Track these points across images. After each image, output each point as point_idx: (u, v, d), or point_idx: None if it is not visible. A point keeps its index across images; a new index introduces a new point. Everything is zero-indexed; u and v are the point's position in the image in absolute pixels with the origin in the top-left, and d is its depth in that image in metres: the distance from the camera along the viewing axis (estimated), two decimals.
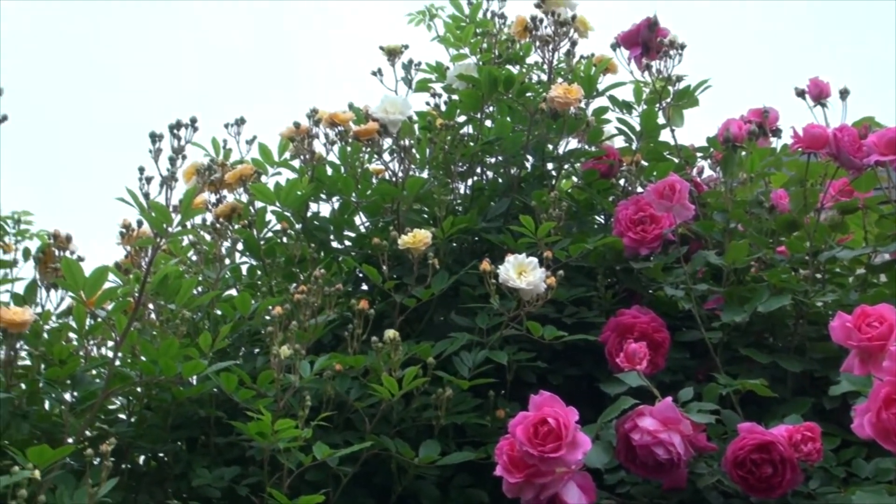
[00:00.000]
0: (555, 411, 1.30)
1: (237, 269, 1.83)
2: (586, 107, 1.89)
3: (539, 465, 1.28)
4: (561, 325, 1.59)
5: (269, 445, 1.35)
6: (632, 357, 1.39)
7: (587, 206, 1.89)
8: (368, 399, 1.49)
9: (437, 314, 1.72)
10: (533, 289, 1.49)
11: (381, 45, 2.02)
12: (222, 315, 1.65)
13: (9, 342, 1.41)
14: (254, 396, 1.43)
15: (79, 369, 1.47)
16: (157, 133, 1.41)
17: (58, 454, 1.17)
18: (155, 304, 1.56)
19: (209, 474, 1.48)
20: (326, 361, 1.45)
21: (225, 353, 1.58)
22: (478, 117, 1.89)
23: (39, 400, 1.48)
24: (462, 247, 1.85)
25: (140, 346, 1.43)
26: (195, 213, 1.53)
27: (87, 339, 1.53)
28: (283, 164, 1.88)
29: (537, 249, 1.62)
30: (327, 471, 1.44)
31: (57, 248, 1.57)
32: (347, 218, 1.83)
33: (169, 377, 1.39)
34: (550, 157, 1.91)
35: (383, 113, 1.76)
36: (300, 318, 1.49)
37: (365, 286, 1.83)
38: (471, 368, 1.54)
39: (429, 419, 1.53)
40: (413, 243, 1.59)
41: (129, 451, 1.56)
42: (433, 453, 1.46)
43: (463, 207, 1.89)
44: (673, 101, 1.87)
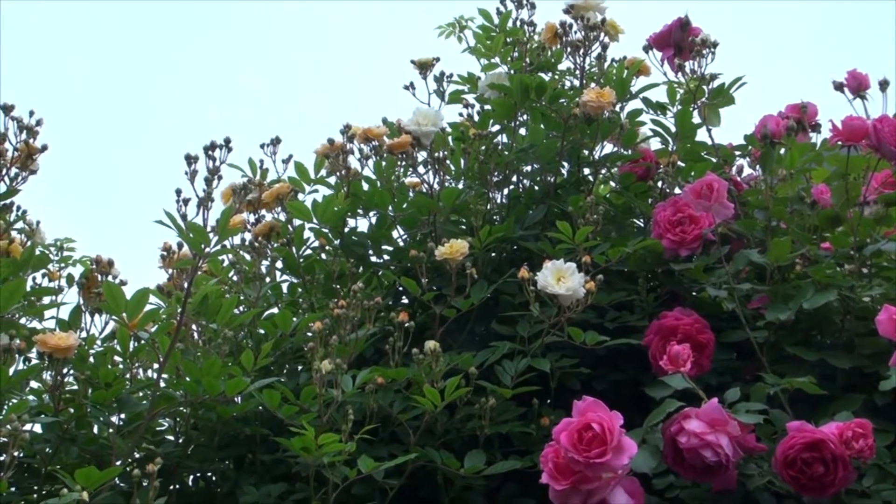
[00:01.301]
0: (599, 416, 1.28)
1: (277, 287, 1.84)
2: (620, 110, 1.88)
3: (585, 471, 1.27)
4: (603, 329, 1.58)
5: (314, 460, 1.35)
6: (676, 359, 1.37)
7: (625, 210, 1.88)
8: (412, 411, 1.49)
9: (478, 324, 1.72)
10: (572, 294, 1.48)
11: (413, 58, 2.03)
12: (264, 333, 1.66)
13: (55, 367, 1.43)
14: (297, 412, 1.43)
15: (125, 391, 1.48)
16: (193, 155, 1.43)
17: (106, 476, 1.18)
18: (197, 325, 1.58)
19: (256, 492, 1.49)
20: (368, 375, 1.45)
21: (268, 370, 1.59)
22: (511, 126, 1.88)
23: (87, 423, 1.50)
24: (500, 256, 1.85)
25: (184, 366, 1.44)
26: (232, 233, 1.54)
27: (132, 361, 1.55)
28: (319, 182, 1.89)
29: (576, 255, 1.61)
30: (373, 484, 1.44)
31: (99, 273, 1.59)
32: (385, 232, 1.84)
33: (213, 396, 1.40)
34: (586, 163, 1.90)
35: (416, 125, 1.77)
36: (341, 332, 1.50)
37: (405, 299, 1.83)
38: (513, 377, 1.53)
39: (473, 429, 1.52)
40: (451, 254, 1.58)
41: (176, 472, 1.57)
42: (479, 463, 1.45)
43: (500, 216, 1.88)
44: (708, 101, 1.85)
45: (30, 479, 1.47)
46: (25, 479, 1.46)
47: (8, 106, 1.53)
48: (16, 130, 1.54)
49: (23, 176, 1.56)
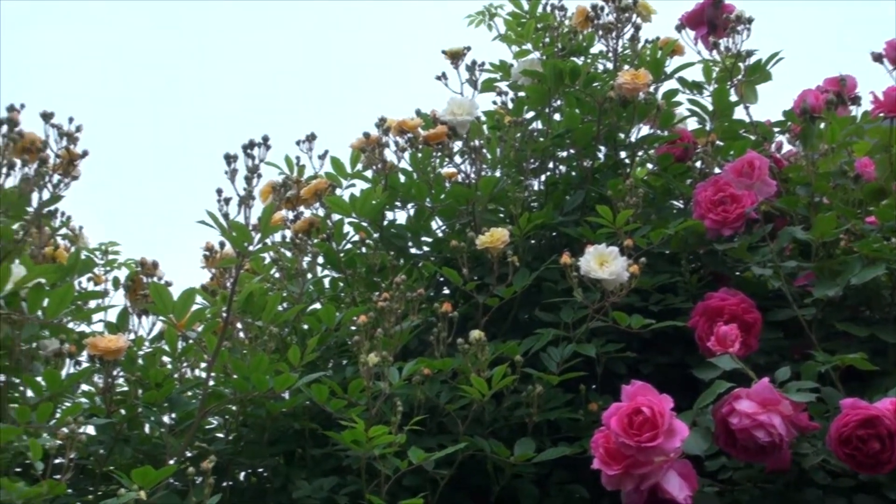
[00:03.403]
0: (648, 400, 1.28)
1: (319, 282, 1.85)
2: (655, 91, 1.86)
3: (637, 456, 1.26)
4: (648, 313, 1.57)
5: (364, 453, 1.36)
6: (723, 340, 1.36)
7: (664, 192, 1.86)
8: (459, 401, 1.49)
9: (521, 312, 1.71)
10: (616, 278, 1.47)
11: (444, 49, 2.02)
12: (309, 329, 1.67)
13: (106, 369, 1.45)
14: (346, 406, 1.44)
15: (175, 391, 1.50)
16: (232, 154, 1.44)
17: (161, 474, 1.20)
18: (242, 323, 1.59)
19: (308, 486, 1.50)
20: (414, 366, 1.45)
21: (314, 365, 1.59)
22: (546, 112, 1.88)
23: (139, 424, 1.52)
24: (540, 243, 1.84)
25: (231, 364, 1.45)
26: (274, 230, 1.55)
27: (181, 361, 1.57)
28: (356, 176, 1.90)
29: (617, 239, 1.60)
30: (424, 475, 1.44)
31: (145, 276, 1.61)
32: (424, 223, 1.84)
33: (262, 392, 1.42)
34: (623, 146, 1.89)
35: (451, 115, 1.76)
36: (385, 325, 1.50)
37: (446, 290, 1.83)
38: (559, 363, 1.52)
39: (521, 417, 1.52)
40: (491, 242, 1.58)
41: (229, 468, 1.58)
42: (528, 451, 1.45)
43: (538, 203, 1.88)
44: (745, 78, 1.83)
45: (86, 481, 1.49)
46: (81, 480, 1.48)
47: (48, 113, 1.55)
48: (56, 137, 1.55)
49: (65, 182, 1.58)
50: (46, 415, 1.26)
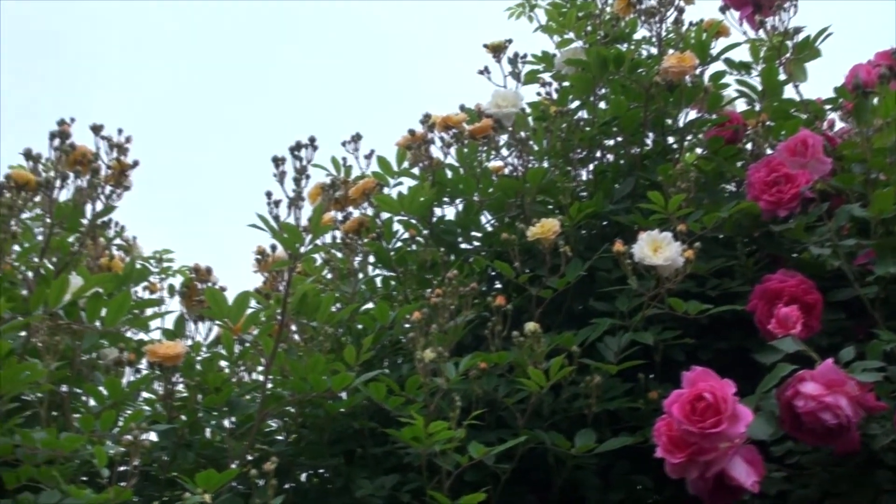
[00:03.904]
0: (710, 385, 1.26)
1: (371, 281, 1.85)
2: (702, 74, 1.84)
3: (701, 443, 1.25)
4: (704, 298, 1.54)
5: (425, 449, 1.35)
6: (785, 322, 1.34)
7: (716, 176, 1.83)
8: (517, 394, 1.48)
9: (575, 303, 1.70)
10: (670, 264, 1.46)
11: (485, 42, 2.02)
12: (363, 328, 1.67)
13: (165, 376, 1.47)
14: (404, 403, 1.44)
15: (234, 395, 1.51)
16: (279, 156, 1.44)
17: (224, 477, 1.21)
18: (297, 324, 1.59)
19: (370, 485, 1.50)
20: (471, 361, 1.44)
21: (370, 364, 1.59)
22: (591, 100, 1.86)
23: (200, 428, 1.53)
24: (591, 232, 1.83)
25: (288, 365, 1.46)
26: (325, 231, 1.55)
27: (238, 364, 1.57)
28: (403, 174, 1.89)
29: (669, 224, 1.58)
30: (485, 470, 1.44)
31: (199, 282, 1.62)
32: (473, 218, 1.83)
33: (320, 393, 1.42)
34: (671, 131, 1.86)
35: (496, 108, 1.76)
36: (439, 321, 1.50)
37: (499, 283, 1.82)
38: (616, 353, 1.51)
39: (580, 408, 1.51)
40: (542, 233, 1.57)
41: (291, 470, 1.59)
42: (589, 442, 1.43)
43: (587, 193, 1.86)
44: (793, 56, 1.80)
45: (150, 487, 1.51)
46: (146, 486, 1.50)
47: (97, 126, 1.56)
48: (106, 149, 1.57)
49: (117, 193, 1.59)
50: (109, 423, 1.27)
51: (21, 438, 1.13)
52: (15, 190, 1.29)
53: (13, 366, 1.13)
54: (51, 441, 1.14)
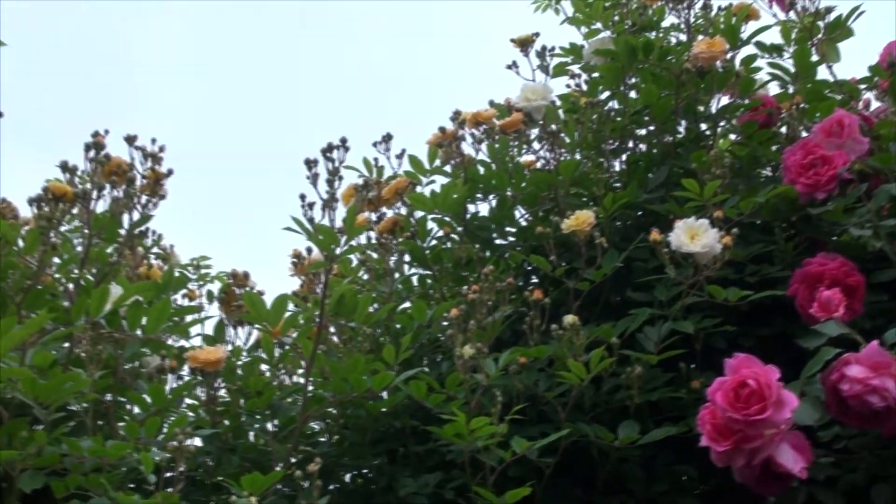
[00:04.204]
0: (754, 372, 1.24)
1: (408, 280, 1.85)
2: (732, 59, 1.82)
3: (746, 430, 1.23)
4: (744, 284, 1.53)
5: (467, 446, 1.35)
6: (827, 305, 1.32)
7: (751, 161, 1.81)
8: (558, 388, 1.48)
9: (613, 294, 1.69)
10: (708, 251, 1.44)
11: (512, 37, 2.01)
12: (401, 327, 1.68)
13: (207, 381, 1.48)
14: (445, 400, 1.44)
15: (275, 398, 1.52)
16: (312, 159, 1.45)
17: (269, 480, 1.21)
18: (335, 326, 1.60)
19: (414, 483, 1.50)
20: (510, 356, 1.44)
21: (409, 363, 1.59)
22: (621, 90, 1.85)
23: (244, 432, 1.54)
24: (626, 223, 1.81)
25: (328, 367, 1.46)
26: (359, 231, 1.55)
27: (279, 368, 1.58)
28: (435, 171, 1.90)
29: (706, 212, 1.56)
30: (529, 465, 1.43)
31: (237, 287, 1.63)
32: (507, 213, 1.82)
33: (360, 393, 1.42)
34: (703, 118, 1.85)
35: (525, 101, 1.75)
36: (477, 317, 1.49)
37: (535, 278, 1.82)
38: (657, 343, 1.50)
39: (622, 400, 1.50)
40: (577, 225, 1.56)
41: (334, 471, 1.60)
42: (632, 433, 1.42)
43: (621, 183, 1.85)
44: (825, 36, 1.78)
45: (197, 492, 1.52)
46: (193, 491, 1.51)
47: (131, 136, 1.58)
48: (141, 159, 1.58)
49: (153, 202, 1.61)
50: (154, 429, 1.28)
51: (68, 447, 1.15)
52: (53, 202, 1.30)
53: (58, 376, 1.14)
54: (97, 449, 1.15)
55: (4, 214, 1.56)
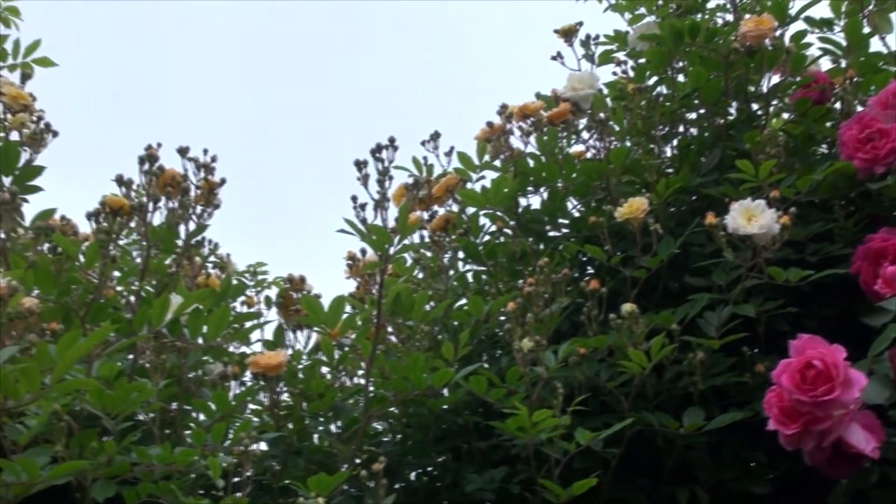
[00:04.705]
0: (819, 352, 1.22)
1: (463, 277, 1.85)
2: (782, 36, 1.78)
3: (814, 411, 1.21)
4: (805, 264, 1.50)
5: (531, 439, 1.35)
6: (892, 280, 1.29)
7: (806, 138, 1.78)
8: (620, 377, 1.46)
9: (671, 280, 1.67)
10: (766, 232, 1.42)
11: (556, 28, 2.00)
12: (458, 324, 1.68)
13: (270, 386, 1.49)
14: (506, 394, 1.43)
15: (337, 399, 1.53)
16: (362, 160, 1.46)
17: (335, 480, 1.22)
18: (393, 325, 1.60)
19: (479, 479, 1.50)
20: (569, 347, 1.43)
21: (468, 359, 1.59)
22: (669, 74, 1.82)
23: (308, 435, 1.55)
24: (681, 208, 1.79)
25: (388, 366, 1.47)
26: (412, 230, 1.55)
27: (339, 369, 1.59)
28: (485, 167, 1.89)
29: (762, 192, 1.54)
30: (594, 456, 1.42)
31: (294, 291, 1.64)
32: (559, 204, 1.81)
33: (421, 391, 1.43)
34: (755, 97, 1.82)
35: (572, 91, 1.74)
36: (534, 310, 1.49)
37: (591, 268, 1.81)
38: (718, 327, 1.48)
39: (685, 387, 1.48)
40: (631, 213, 1.55)
41: (399, 470, 1.60)
42: (698, 420, 1.41)
43: (673, 168, 1.83)
44: (876, 7, 1.73)
45: (264, 496, 1.54)
46: (260, 495, 1.53)
47: (183, 148, 1.60)
48: (194, 169, 1.60)
49: (208, 212, 1.63)
50: (220, 435, 1.30)
51: (137, 456, 1.16)
52: (110, 216, 1.32)
53: (124, 386, 1.16)
54: (166, 456, 1.17)
55: (65, 231, 1.59)
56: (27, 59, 1.81)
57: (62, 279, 1.28)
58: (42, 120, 1.52)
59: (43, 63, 1.82)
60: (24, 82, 1.63)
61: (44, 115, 1.53)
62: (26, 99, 1.56)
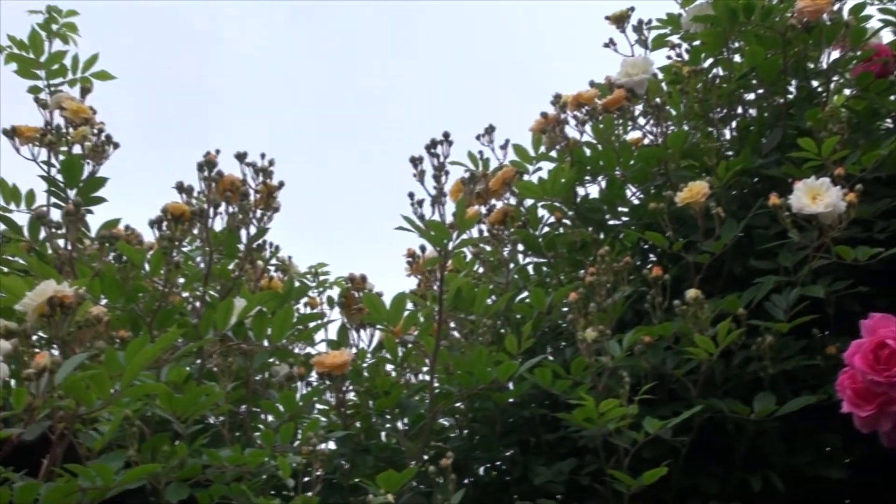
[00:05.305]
0: (892, 331, 1.19)
1: (523, 269, 1.84)
2: (840, 9, 1.74)
3: (889, 392, 1.18)
4: (874, 242, 1.46)
5: (598, 429, 1.34)
6: None
7: (869, 113, 1.73)
8: (686, 364, 1.44)
9: (735, 264, 1.64)
10: (832, 210, 1.38)
11: (607, 14, 1.98)
12: (521, 317, 1.67)
13: (335, 385, 1.50)
14: (571, 386, 1.42)
15: (403, 396, 1.53)
16: (417, 156, 1.46)
17: (404, 477, 1.22)
18: (455, 320, 1.60)
19: (548, 471, 1.49)
20: (634, 336, 1.42)
21: (532, 351, 1.59)
22: (725, 55, 1.79)
23: (375, 433, 1.56)
24: (743, 191, 1.76)
25: (452, 361, 1.47)
26: (471, 224, 1.55)
27: (403, 366, 1.60)
28: (541, 158, 1.88)
29: (825, 170, 1.50)
30: (664, 445, 1.40)
31: (355, 290, 1.65)
32: (617, 192, 1.80)
33: (486, 385, 1.42)
34: (814, 74, 1.78)
35: (626, 77, 1.72)
36: (597, 300, 1.47)
37: (652, 255, 1.79)
38: (786, 310, 1.45)
39: (755, 372, 1.46)
40: (692, 197, 1.52)
41: (468, 465, 1.60)
42: (769, 405, 1.38)
43: (733, 150, 1.79)
44: None
45: (335, 495, 1.55)
46: (330, 494, 1.54)
47: (241, 154, 1.62)
48: (252, 174, 1.62)
49: (267, 215, 1.64)
50: (289, 435, 1.31)
51: (208, 458, 1.18)
52: (172, 223, 1.34)
53: (193, 390, 1.18)
54: (236, 458, 1.18)
55: (129, 240, 1.61)
56: (86, 73, 1.85)
57: (128, 287, 1.31)
58: (103, 132, 1.55)
59: (101, 77, 1.86)
60: (83, 96, 1.67)
61: (104, 128, 1.56)
62: (87, 112, 1.59)
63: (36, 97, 1.64)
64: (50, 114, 1.59)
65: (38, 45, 1.82)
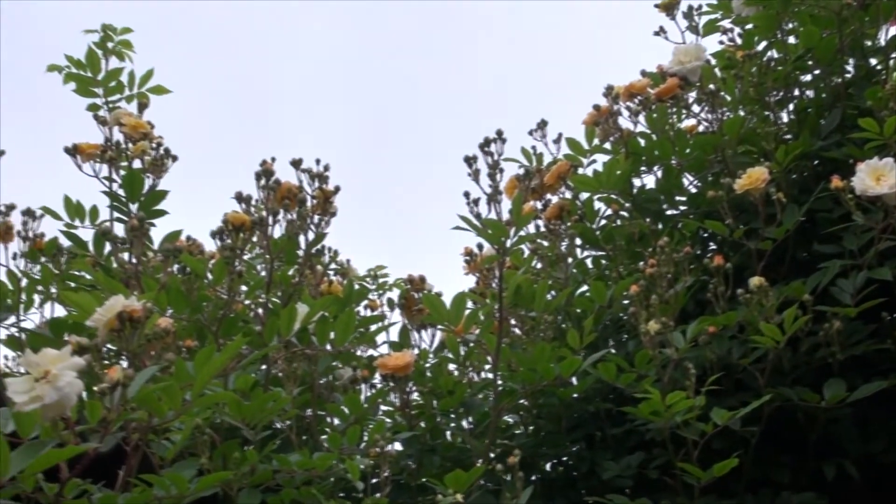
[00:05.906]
0: None
1: (582, 263, 1.83)
2: None
3: None
4: None
5: (665, 422, 1.32)
6: None
7: None
8: (753, 353, 1.42)
9: (799, 250, 1.61)
10: None
11: (657, 2, 1.96)
12: (581, 311, 1.66)
13: (399, 386, 1.51)
14: (636, 379, 1.41)
15: (467, 395, 1.53)
16: (471, 155, 1.46)
17: (471, 476, 1.23)
18: (515, 317, 1.60)
19: (616, 466, 1.48)
20: (698, 326, 1.40)
21: (595, 346, 1.58)
22: (779, 37, 1.76)
23: (441, 432, 1.57)
24: (803, 175, 1.73)
25: (515, 358, 1.47)
26: (527, 220, 1.54)
27: (466, 365, 1.60)
28: (595, 150, 1.87)
29: (889, 150, 1.47)
30: (733, 436, 1.39)
31: (415, 291, 1.66)
32: (674, 181, 1.78)
33: (550, 381, 1.42)
34: (872, 52, 1.74)
35: (679, 65, 1.70)
36: (658, 291, 1.46)
37: (713, 244, 1.76)
38: (853, 294, 1.42)
39: (823, 359, 1.43)
40: (751, 183, 1.50)
41: (534, 462, 1.60)
42: (840, 391, 1.36)
43: (792, 134, 1.76)
44: None
45: (403, 495, 1.55)
46: (399, 494, 1.55)
47: (296, 160, 1.63)
48: (308, 180, 1.63)
49: (325, 220, 1.66)
50: (355, 438, 1.32)
51: (278, 463, 1.20)
52: (234, 232, 1.36)
53: (260, 396, 1.19)
54: (305, 462, 1.19)
55: (192, 251, 1.64)
56: (142, 88, 1.88)
57: (193, 297, 1.33)
58: (161, 146, 1.58)
59: (157, 91, 1.89)
60: (141, 112, 1.69)
61: (163, 142, 1.59)
62: (145, 127, 1.62)
63: (95, 115, 1.67)
64: (109, 130, 1.62)
65: (95, 63, 1.85)
